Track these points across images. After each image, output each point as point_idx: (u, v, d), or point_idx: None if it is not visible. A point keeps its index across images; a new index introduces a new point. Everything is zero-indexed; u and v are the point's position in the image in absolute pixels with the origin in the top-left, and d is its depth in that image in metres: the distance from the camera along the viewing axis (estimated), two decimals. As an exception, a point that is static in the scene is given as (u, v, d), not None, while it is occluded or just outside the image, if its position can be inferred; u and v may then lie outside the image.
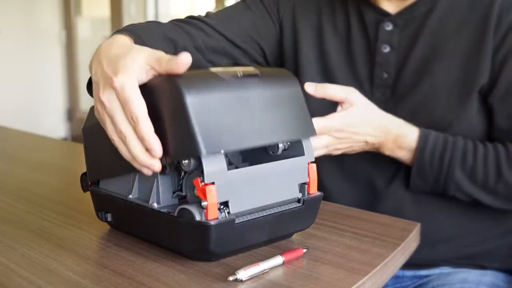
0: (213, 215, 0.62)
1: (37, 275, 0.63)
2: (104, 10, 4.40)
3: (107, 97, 0.64)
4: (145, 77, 0.64)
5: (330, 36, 1.02)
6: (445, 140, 0.91)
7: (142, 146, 0.63)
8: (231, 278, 0.61)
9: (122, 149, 0.64)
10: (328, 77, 1.01)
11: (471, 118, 0.92)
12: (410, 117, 0.93)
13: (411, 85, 0.94)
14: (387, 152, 0.92)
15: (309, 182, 0.72)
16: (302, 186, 0.72)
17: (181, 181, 0.68)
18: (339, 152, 0.91)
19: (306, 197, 0.71)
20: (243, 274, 0.61)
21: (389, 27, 0.96)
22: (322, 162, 1.01)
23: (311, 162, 0.72)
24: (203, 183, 0.62)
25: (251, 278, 0.62)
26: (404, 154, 0.92)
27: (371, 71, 0.98)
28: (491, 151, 0.90)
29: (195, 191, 0.63)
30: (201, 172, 0.62)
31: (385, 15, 0.96)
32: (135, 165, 0.64)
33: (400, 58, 0.95)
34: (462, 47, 0.91)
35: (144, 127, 0.61)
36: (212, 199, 0.62)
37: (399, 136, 0.91)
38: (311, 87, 0.86)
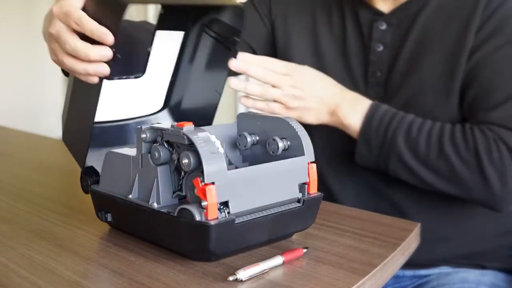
0: (213, 215, 0.62)
1: (37, 275, 0.63)
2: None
3: (53, 27, 0.68)
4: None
5: (325, 38, 1.03)
6: (395, 112, 0.92)
7: (92, 47, 0.66)
8: (231, 278, 0.61)
9: (75, 64, 0.67)
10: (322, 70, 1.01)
11: (453, 110, 0.92)
12: None
13: (401, 82, 0.95)
14: (340, 118, 0.93)
15: (309, 182, 0.72)
16: (302, 186, 0.72)
17: (181, 181, 0.68)
18: (293, 112, 0.93)
19: (306, 197, 0.71)
20: (243, 274, 0.61)
21: (383, 26, 0.97)
22: (323, 162, 1.01)
23: (311, 162, 0.72)
24: (203, 183, 0.62)
25: (251, 278, 0.62)
26: (355, 121, 0.93)
27: (365, 70, 0.98)
28: (437, 127, 0.90)
29: (195, 191, 0.63)
30: (201, 172, 0.62)
31: (379, 14, 0.97)
32: (91, 70, 0.66)
33: (391, 56, 0.96)
34: (448, 43, 0.92)
35: (90, 22, 0.65)
36: (212, 199, 0.62)
37: (355, 97, 0.94)
38: (234, 62, 0.84)
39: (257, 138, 0.76)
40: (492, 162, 0.86)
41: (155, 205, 0.68)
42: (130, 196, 0.71)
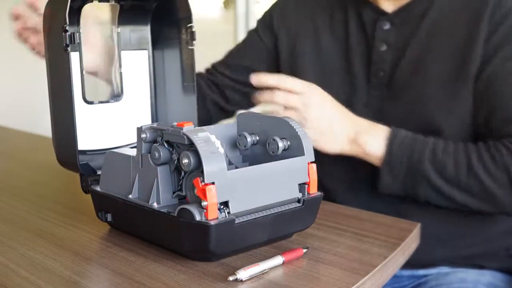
0: (213, 215, 0.62)
1: (37, 275, 0.63)
2: (105, 11, 4.38)
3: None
4: None
5: (327, 38, 1.03)
6: (415, 136, 0.91)
7: None
8: (231, 278, 0.61)
9: None
10: (324, 77, 1.01)
11: (463, 117, 0.92)
12: (404, 115, 0.94)
13: (405, 84, 0.95)
14: (361, 145, 0.91)
15: (309, 182, 0.72)
16: (302, 186, 0.72)
17: (181, 181, 0.68)
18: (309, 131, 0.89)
19: (306, 197, 0.71)
20: (243, 274, 0.61)
21: (386, 25, 0.96)
22: (323, 162, 1.01)
23: (311, 162, 0.72)
24: (203, 183, 0.62)
25: (251, 278, 0.62)
26: (377, 148, 0.91)
27: (367, 69, 0.98)
28: (461, 147, 0.89)
29: (195, 191, 0.63)
30: (201, 172, 0.62)
31: (383, 14, 0.97)
32: None
33: (395, 56, 0.96)
34: (455, 45, 0.92)
35: None
36: (212, 199, 0.62)
37: (371, 124, 0.92)
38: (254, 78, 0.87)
39: (257, 138, 0.76)
40: None
41: (155, 205, 0.68)
42: (130, 196, 0.71)
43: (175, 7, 0.86)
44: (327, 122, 0.89)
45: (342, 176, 1.03)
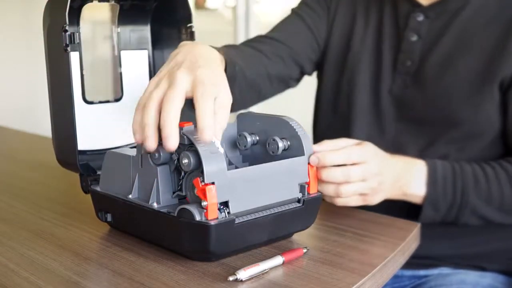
0: (213, 215, 0.62)
1: (37, 275, 0.63)
2: (105, 11, 4.40)
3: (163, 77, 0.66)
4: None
5: (360, 27, 1.05)
6: (453, 166, 0.89)
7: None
8: (231, 278, 0.61)
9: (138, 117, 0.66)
10: (350, 58, 1.04)
11: (490, 115, 0.92)
12: (425, 107, 0.95)
13: (433, 76, 0.96)
14: (401, 187, 0.86)
15: (309, 182, 0.72)
16: (302, 186, 0.72)
17: (181, 181, 0.68)
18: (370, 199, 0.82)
19: (306, 197, 0.71)
20: (243, 274, 0.61)
21: (420, 17, 0.98)
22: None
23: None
24: (203, 183, 0.62)
25: (251, 278, 0.62)
26: (418, 188, 0.87)
27: (395, 58, 1.00)
28: (498, 168, 0.89)
29: (195, 191, 0.63)
30: (201, 172, 0.62)
31: (418, 6, 0.98)
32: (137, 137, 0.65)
33: (425, 48, 0.98)
34: (488, 44, 0.93)
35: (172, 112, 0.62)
36: (212, 199, 0.62)
37: (407, 162, 0.88)
38: (314, 159, 0.74)
39: (257, 138, 0.76)
40: None
41: (155, 205, 0.68)
42: (130, 196, 0.71)
43: (175, 7, 0.86)
44: (379, 178, 0.82)
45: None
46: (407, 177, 0.87)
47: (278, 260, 0.65)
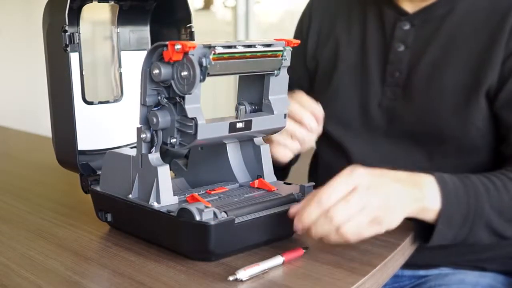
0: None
1: (37, 275, 0.63)
2: (105, 11, 4.40)
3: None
4: None
5: (344, 38, 1.03)
6: (461, 178, 0.80)
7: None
8: (231, 278, 0.61)
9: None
10: (338, 73, 1.02)
11: (479, 127, 0.90)
12: (417, 118, 0.93)
13: (421, 87, 0.94)
14: (421, 199, 0.77)
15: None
16: (302, 186, 0.72)
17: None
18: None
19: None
20: (243, 274, 0.61)
21: (406, 26, 0.96)
22: (325, 162, 1.01)
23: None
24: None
25: (251, 278, 0.62)
26: (434, 201, 0.77)
27: (383, 69, 0.98)
28: (505, 179, 0.83)
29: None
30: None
31: (403, 14, 0.97)
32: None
33: (413, 58, 0.95)
34: (474, 52, 0.90)
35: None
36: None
37: (415, 176, 0.79)
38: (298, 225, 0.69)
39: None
40: None
41: (155, 205, 0.68)
42: (130, 196, 0.71)
43: (174, 8, 0.86)
44: (379, 193, 0.72)
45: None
46: (419, 188, 0.76)
47: (278, 260, 0.65)
